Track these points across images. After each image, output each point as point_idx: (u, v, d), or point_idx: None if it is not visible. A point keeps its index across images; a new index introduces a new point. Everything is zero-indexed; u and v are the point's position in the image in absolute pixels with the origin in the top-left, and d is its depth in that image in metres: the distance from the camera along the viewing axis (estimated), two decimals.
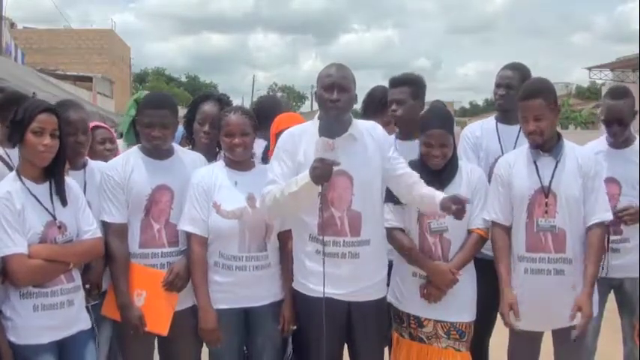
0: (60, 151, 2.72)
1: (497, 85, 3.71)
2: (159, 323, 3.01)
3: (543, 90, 3.08)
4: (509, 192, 3.13)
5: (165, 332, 3.01)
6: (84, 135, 3.09)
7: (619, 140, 3.60)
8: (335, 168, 2.75)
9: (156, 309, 3.02)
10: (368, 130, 3.05)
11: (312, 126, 3.02)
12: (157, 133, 3.05)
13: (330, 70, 2.97)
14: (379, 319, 3.09)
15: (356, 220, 2.94)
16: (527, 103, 3.05)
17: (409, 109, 3.49)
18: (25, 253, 2.59)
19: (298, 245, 3.04)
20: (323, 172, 2.73)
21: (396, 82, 3.57)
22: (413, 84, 3.55)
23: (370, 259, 2.97)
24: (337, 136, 2.81)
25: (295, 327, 3.11)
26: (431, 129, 3.12)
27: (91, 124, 3.62)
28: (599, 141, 3.72)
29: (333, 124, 2.85)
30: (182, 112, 3.73)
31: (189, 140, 3.65)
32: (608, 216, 3.07)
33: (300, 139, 2.99)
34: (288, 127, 3.18)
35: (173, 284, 3.01)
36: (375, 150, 3.00)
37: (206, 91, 3.90)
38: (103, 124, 3.78)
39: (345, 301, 2.95)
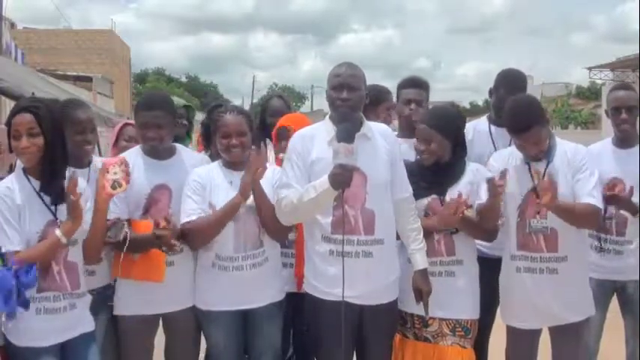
0: (58, 149, 2.68)
1: (495, 104, 3.72)
2: (154, 272, 2.98)
3: (535, 117, 2.99)
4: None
5: (161, 279, 2.98)
6: (92, 134, 3.10)
7: (625, 134, 3.55)
8: None
9: (149, 259, 2.99)
10: (380, 132, 3.04)
11: (324, 126, 3.00)
12: (152, 134, 3.05)
13: (340, 69, 2.95)
14: (390, 322, 3.07)
15: (370, 219, 2.92)
16: (523, 135, 3.00)
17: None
18: (19, 250, 2.56)
19: (310, 245, 3.00)
20: (344, 178, 2.71)
21: (416, 84, 3.68)
22: (427, 89, 3.71)
23: (383, 258, 2.95)
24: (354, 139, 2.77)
25: None
26: (419, 124, 3.18)
27: (125, 121, 3.73)
28: (604, 142, 3.70)
29: (351, 128, 2.79)
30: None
31: (206, 146, 3.63)
32: (593, 201, 2.99)
33: (312, 140, 2.96)
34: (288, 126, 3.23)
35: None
36: (387, 151, 3.00)
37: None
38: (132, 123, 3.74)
39: (357, 304, 2.92)
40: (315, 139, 2.96)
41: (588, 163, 3.08)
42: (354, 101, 2.90)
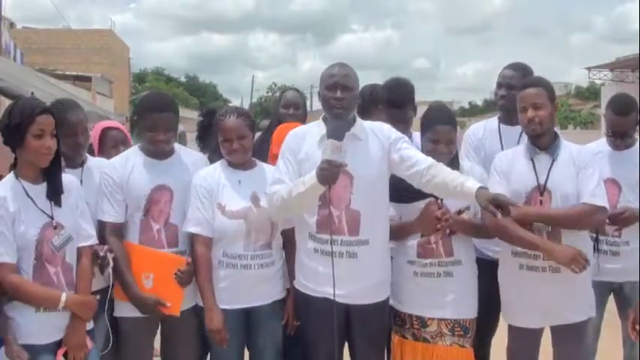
0: (56, 151, 2.69)
1: (499, 85, 3.71)
2: (171, 304, 2.97)
3: (543, 81, 3.15)
4: (507, 187, 3.10)
5: (177, 313, 2.98)
6: (83, 135, 3.09)
7: (620, 148, 3.58)
8: None
9: (166, 290, 2.98)
10: (373, 131, 3.04)
11: (317, 126, 3.04)
12: (162, 136, 3.04)
13: (333, 70, 2.99)
14: (379, 322, 3.07)
15: (355, 220, 2.93)
16: (526, 91, 3.09)
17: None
18: (12, 263, 2.58)
19: (299, 243, 3.05)
20: (330, 174, 2.73)
21: (398, 103, 3.50)
22: (412, 95, 3.56)
23: (369, 259, 2.95)
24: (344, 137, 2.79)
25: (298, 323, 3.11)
26: (438, 125, 3.10)
27: (104, 125, 3.62)
28: (600, 142, 3.70)
29: (342, 126, 2.84)
30: (181, 112, 3.70)
31: (201, 148, 3.61)
32: (595, 200, 3.00)
33: (304, 138, 3.02)
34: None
35: (184, 277, 2.98)
36: (379, 150, 2.99)
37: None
38: (115, 125, 3.67)
39: (343, 303, 2.93)
40: (306, 138, 3.01)
41: (592, 162, 3.10)
42: (347, 100, 2.93)
